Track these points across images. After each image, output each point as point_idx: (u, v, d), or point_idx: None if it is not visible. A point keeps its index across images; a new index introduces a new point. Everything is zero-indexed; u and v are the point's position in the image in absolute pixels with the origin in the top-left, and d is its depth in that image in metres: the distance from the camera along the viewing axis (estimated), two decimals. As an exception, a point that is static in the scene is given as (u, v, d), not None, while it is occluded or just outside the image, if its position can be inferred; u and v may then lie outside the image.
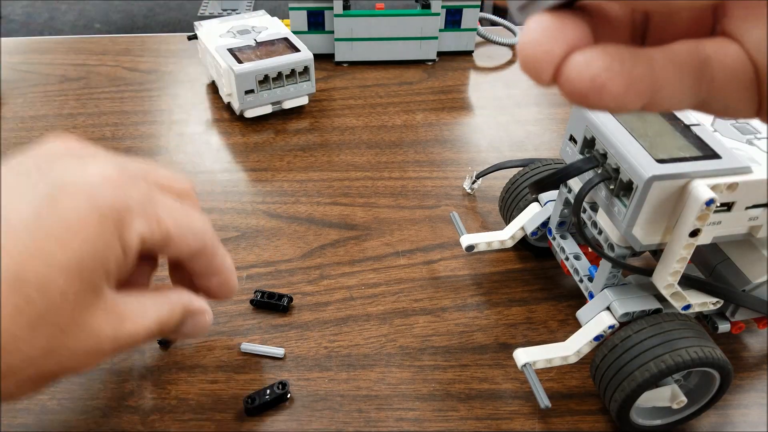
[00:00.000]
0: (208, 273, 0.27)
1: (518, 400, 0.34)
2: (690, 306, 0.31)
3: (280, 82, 0.54)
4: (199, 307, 0.28)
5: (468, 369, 0.35)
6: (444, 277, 0.41)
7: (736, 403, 0.34)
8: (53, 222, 0.21)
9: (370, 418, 0.32)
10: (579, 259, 0.35)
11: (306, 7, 0.61)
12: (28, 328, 0.20)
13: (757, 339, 0.37)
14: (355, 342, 0.36)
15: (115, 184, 0.22)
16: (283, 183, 0.49)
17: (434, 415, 0.33)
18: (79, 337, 0.21)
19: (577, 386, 0.34)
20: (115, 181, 0.22)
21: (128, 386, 0.34)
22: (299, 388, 0.34)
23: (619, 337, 0.30)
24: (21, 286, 0.20)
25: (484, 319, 0.38)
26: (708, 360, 0.29)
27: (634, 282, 0.33)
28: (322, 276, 0.41)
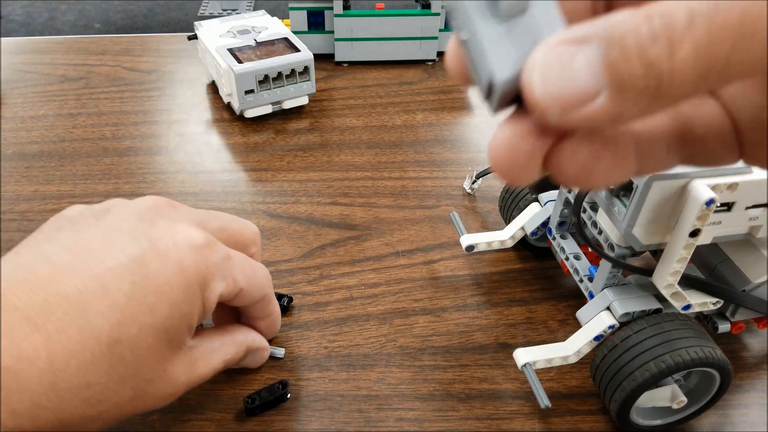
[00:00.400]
0: (261, 316, 0.32)
1: (518, 400, 0.34)
2: (690, 306, 0.31)
3: (280, 82, 0.54)
4: (261, 345, 0.32)
5: (468, 369, 0.35)
6: (444, 277, 0.41)
7: (736, 403, 0.34)
8: (145, 288, 0.23)
9: (370, 418, 0.32)
10: (579, 259, 0.35)
11: (306, 7, 0.61)
12: (119, 381, 0.23)
13: (757, 339, 0.37)
14: (355, 342, 0.36)
15: (200, 249, 0.25)
16: (283, 183, 0.49)
17: (434, 415, 0.33)
18: (160, 386, 0.25)
19: (577, 386, 0.34)
20: (200, 247, 0.25)
21: (128, 386, 0.34)
22: (299, 388, 0.34)
23: (619, 337, 0.30)
24: (115, 347, 0.22)
25: (484, 319, 0.38)
26: (708, 360, 0.29)
27: (634, 282, 0.33)
28: (322, 276, 0.41)
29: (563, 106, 0.11)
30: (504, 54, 0.12)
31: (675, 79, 0.10)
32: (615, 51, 0.11)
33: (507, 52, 0.12)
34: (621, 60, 0.11)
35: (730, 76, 0.10)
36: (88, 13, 2.29)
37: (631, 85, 0.11)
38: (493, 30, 0.12)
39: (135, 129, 0.55)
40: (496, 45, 0.12)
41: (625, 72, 0.10)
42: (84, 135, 0.54)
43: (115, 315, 0.22)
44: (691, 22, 0.10)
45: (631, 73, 0.10)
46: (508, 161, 0.13)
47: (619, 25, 0.11)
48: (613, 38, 0.11)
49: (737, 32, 0.10)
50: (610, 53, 0.11)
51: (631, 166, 0.13)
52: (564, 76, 0.11)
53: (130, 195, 0.47)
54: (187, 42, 0.67)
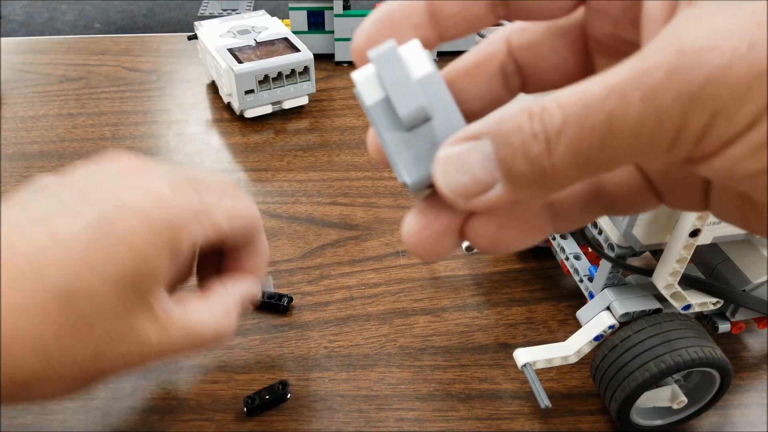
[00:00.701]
0: (251, 256, 0.29)
1: (518, 400, 0.33)
2: (690, 306, 0.31)
3: (280, 82, 0.54)
4: (252, 295, 0.29)
5: (468, 369, 0.35)
6: (444, 277, 0.41)
7: (736, 403, 0.34)
8: (106, 239, 0.22)
9: (370, 419, 0.32)
10: (579, 259, 0.35)
11: (306, 7, 0.61)
12: (77, 336, 0.21)
13: (757, 339, 0.37)
14: (355, 342, 0.36)
15: (167, 201, 0.24)
16: (283, 183, 0.49)
17: (434, 416, 0.33)
18: (126, 344, 0.23)
19: (577, 386, 0.34)
20: (167, 199, 0.24)
21: (128, 387, 0.34)
22: (299, 388, 0.34)
23: (619, 337, 0.30)
24: (72, 299, 0.21)
25: (484, 319, 0.38)
26: (708, 360, 0.29)
27: (634, 282, 0.33)
28: (322, 276, 0.41)
29: (465, 196, 0.13)
30: (411, 159, 0.14)
31: (557, 173, 0.11)
32: (503, 149, 0.12)
33: (414, 156, 0.13)
34: (509, 156, 0.12)
35: (608, 166, 0.11)
36: (88, 13, 2.29)
37: (520, 177, 0.12)
38: (400, 137, 0.14)
39: (135, 129, 0.55)
40: (403, 151, 0.14)
41: (513, 166, 0.12)
42: (84, 135, 0.54)
43: (72, 267, 0.21)
44: (564, 122, 0.11)
45: (518, 168, 0.12)
46: (423, 246, 0.14)
47: (506, 124, 0.12)
48: (501, 136, 0.12)
49: (604, 132, 0.11)
50: (499, 150, 0.12)
51: (544, 229, 0.14)
52: (462, 170, 0.12)
53: (130, 195, 0.47)
54: (187, 42, 0.67)
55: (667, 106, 0.10)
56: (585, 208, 0.15)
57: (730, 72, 0.10)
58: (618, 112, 0.11)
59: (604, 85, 0.11)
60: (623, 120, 0.11)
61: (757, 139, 0.10)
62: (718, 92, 0.10)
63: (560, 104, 0.11)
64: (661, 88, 0.10)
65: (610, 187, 0.15)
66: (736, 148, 0.11)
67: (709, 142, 0.11)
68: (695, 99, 0.10)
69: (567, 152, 0.11)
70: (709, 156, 0.11)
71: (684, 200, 0.15)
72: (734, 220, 0.14)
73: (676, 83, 0.10)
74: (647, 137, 0.11)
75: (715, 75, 0.10)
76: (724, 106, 0.10)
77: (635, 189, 0.15)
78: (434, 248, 0.14)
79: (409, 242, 0.14)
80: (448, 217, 0.14)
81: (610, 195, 0.15)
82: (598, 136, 0.11)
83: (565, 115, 0.11)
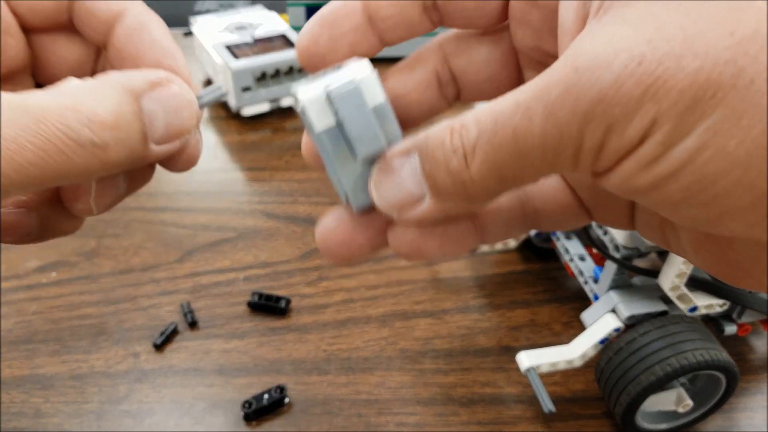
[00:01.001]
0: (138, 44, 0.17)
1: (521, 404, 0.33)
2: (696, 308, 0.30)
3: (278, 80, 0.53)
4: (154, 80, 0.15)
5: (470, 372, 0.34)
6: (445, 278, 0.40)
7: (741, 406, 0.33)
8: None
9: (370, 423, 0.32)
10: (584, 261, 0.35)
11: (305, 3, 0.60)
12: None
13: (763, 341, 0.37)
14: (355, 345, 0.36)
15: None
16: (281, 182, 0.48)
17: (436, 420, 0.32)
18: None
19: (581, 390, 0.34)
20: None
21: (123, 390, 0.33)
22: (297, 392, 0.33)
23: (624, 340, 0.30)
24: None
25: (486, 322, 0.37)
26: (714, 363, 0.28)
27: (640, 283, 0.32)
28: (321, 277, 0.40)
29: (398, 209, 0.13)
30: (359, 185, 0.14)
31: (476, 186, 0.12)
32: (428, 163, 0.12)
33: (361, 182, 0.14)
34: (433, 170, 0.12)
35: (523, 180, 0.12)
36: (84, 9, 2.28)
37: (444, 190, 0.12)
38: (347, 165, 0.14)
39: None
40: (350, 178, 0.14)
41: (437, 180, 0.12)
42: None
43: None
44: (478, 137, 0.12)
45: (442, 181, 0.12)
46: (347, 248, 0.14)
47: (431, 140, 0.12)
48: (426, 151, 0.12)
49: (513, 147, 0.11)
50: (425, 164, 0.12)
51: (466, 241, 0.15)
52: (395, 184, 0.13)
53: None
54: (183, 38, 0.67)
55: (566, 122, 0.11)
56: (510, 222, 0.15)
57: (621, 88, 0.10)
58: (522, 128, 0.11)
59: (514, 101, 0.11)
60: (528, 136, 0.11)
61: (646, 154, 0.11)
62: (609, 108, 0.10)
63: (476, 120, 0.12)
64: (559, 105, 0.11)
65: (538, 203, 0.15)
66: (629, 162, 0.11)
67: (605, 157, 0.11)
68: (589, 115, 0.11)
69: (483, 166, 0.12)
70: (607, 171, 0.11)
71: (611, 217, 0.15)
72: (656, 239, 0.15)
73: (571, 100, 0.11)
74: (551, 152, 0.11)
75: (606, 91, 0.10)
76: (615, 122, 0.10)
77: (564, 205, 0.15)
78: (349, 254, 0.15)
79: (323, 243, 0.15)
80: (371, 224, 0.14)
81: (537, 210, 0.15)
82: (508, 151, 0.11)
83: (479, 131, 0.12)
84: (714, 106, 0.10)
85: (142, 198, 0.46)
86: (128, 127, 0.14)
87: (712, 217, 0.11)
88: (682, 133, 0.10)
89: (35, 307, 0.38)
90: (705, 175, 0.10)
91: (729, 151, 0.10)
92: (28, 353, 0.35)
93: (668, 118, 0.10)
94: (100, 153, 0.13)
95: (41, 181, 0.13)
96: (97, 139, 0.13)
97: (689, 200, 0.11)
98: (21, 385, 0.34)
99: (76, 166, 0.13)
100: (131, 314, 0.38)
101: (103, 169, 0.14)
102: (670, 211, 0.11)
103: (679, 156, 0.10)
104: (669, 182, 0.11)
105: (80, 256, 0.42)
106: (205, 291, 0.39)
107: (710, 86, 0.10)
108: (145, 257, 0.41)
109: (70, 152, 0.13)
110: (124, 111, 0.14)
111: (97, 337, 0.36)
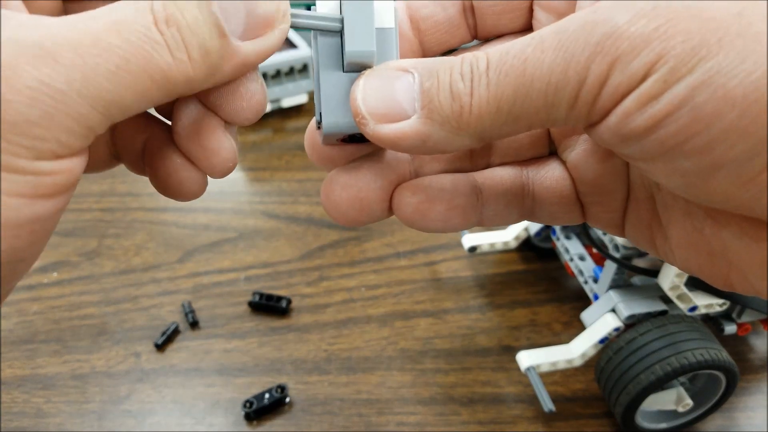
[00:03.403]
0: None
1: (522, 403, 0.33)
2: (696, 308, 0.30)
3: (279, 80, 0.53)
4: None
5: (470, 372, 0.35)
6: (446, 278, 0.40)
7: (741, 406, 0.33)
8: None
9: (371, 423, 0.32)
10: (584, 260, 0.35)
11: (305, 3, 0.60)
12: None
13: (763, 341, 0.37)
14: (355, 345, 0.36)
15: None
16: (282, 183, 0.48)
17: (436, 419, 0.32)
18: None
19: (581, 389, 0.34)
20: None
21: (124, 390, 0.33)
22: (298, 392, 0.33)
23: (624, 340, 0.30)
24: None
25: (486, 322, 0.37)
26: (714, 362, 0.28)
27: (640, 283, 0.32)
28: (322, 277, 0.40)
29: (378, 118, 0.13)
30: (336, 103, 0.14)
31: (474, 112, 0.12)
32: (430, 81, 0.13)
33: (341, 102, 0.14)
34: (434, 88, 0.12)
35: (517, 122, 0.12)
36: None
37: (438, 110, 0.12)
38: (334, 78, 0.14)
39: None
40: (332, 93, 0.14)
41: (435, 98, 0.12)
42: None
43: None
44: (488, 67, 0.12)
45: (440, 100, 0.12)
46: (352, 207, 0.14)
47: (438, 63, 0.13)
48: (431, 71, 0.13)
49: (518, 76, 0.12)
50: (425, 82, 0.13)
51: (469, 215, 0.15)
52: (383, 94, 0.13)
53: (126, 194, 0.46)
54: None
55: (575, 54, 0.11)
56: (511, 204, 0.16)
57: (633, 25, 0.11)
58: (533, 59, 0.12)
59: (530, 36, 0.12)
60: (536, 66, 0.11)
61: (647, 90, 0.11)
62: (618, 42, 0.11)
63: (489, 53, 0.12)
64: (573, 39, 0.11)
65: (538, 189, 0.16)
66: (629, 100, 0.11)
67: (605, 95, 0.11)
68: (599, 47, 0.11)
69: (485, 94, 0.12)
70: (605, 113, 0.11)
71: (603, 216, 0.15)
72: (643, 241, 0.15)
73: (585, 33, 0.11)
74: (553, 89, 0.11)
75: (620, 27, 0.11)
76: (621, 55, 0.11)
77: (562, 196, 0.16)
78: (359, 214, 0.14)
79: (333, 202, 0.14)
80: (378, 184, 0.14)
81: (536, 197, 0.16)
82: (513, 83, 0.12)
83: (489, 61, 0.12)
84: (719, 49, 0.10)
85: (143, 198, 0.46)
86: (196, 24, 0.12)
87: (704, 170, 0.11)
88: (684, 70, 0.10)
89: (36, 307, 0.38)
90: (701, 117, 0.10)
91: (727, 91, 0.10)
92: (30, 353, 0.36)
93: (673, 56, 0.11)
94: (166, 53, 0.12)
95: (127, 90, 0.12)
96: (165, 36, 0.12)
97: (682, 146, 0.11)
98: (22, 385, 0.34)
99: (160, 66, 0.12)
100: (132, 314, 0.38)
101: (182, 72, 0.12)
102: (662, 164, 0.11)
103: (678, 92, 0.11)
104: (665, 124, 0.11)
105: (81, 256, 0.42)
106: (206, 291, 0.39)
107: (717, 30, 0.10)
108: (146, 257, 0.42)
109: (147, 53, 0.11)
110: (190, 7, 0.12)
111: (98, 337, 0.36)
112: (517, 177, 0.16)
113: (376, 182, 0.14)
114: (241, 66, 0.13)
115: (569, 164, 0.15)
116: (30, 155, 0.11)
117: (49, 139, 0.11)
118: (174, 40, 0.12)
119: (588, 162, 0.15)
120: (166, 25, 0.12)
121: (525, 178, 0.16)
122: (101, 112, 0.12)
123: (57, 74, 0.11)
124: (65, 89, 0.11)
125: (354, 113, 0.13)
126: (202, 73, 0.12)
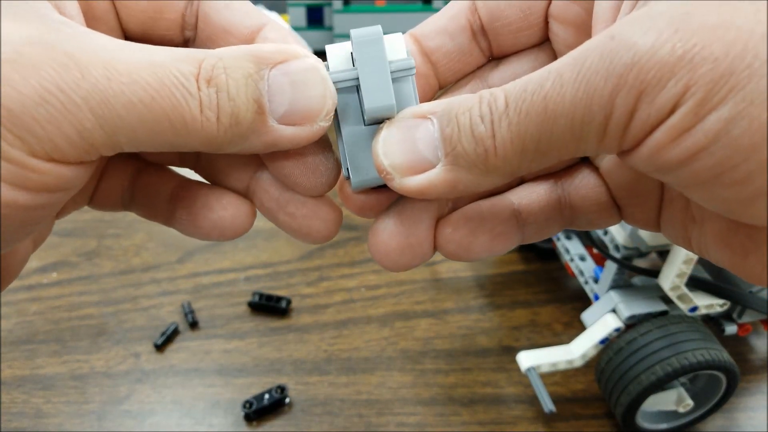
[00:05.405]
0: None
1: (522, 404, 0.33)
2: (697, 308, 0.30)
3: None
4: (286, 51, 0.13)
5: (471, 373, 0.34)
6: (446, 278, 0.40)
7: (742, 406, 0.33)
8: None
9: (371, 423, 0.32)
10: (584, 261, 0.35)
11: (305, 3, 0.60)
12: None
13: (763, 341, 0.36)
14: (355, 345, 0.36)
15: None
16: (282, 182, 0.48)
17: (436, 420, 0.32)
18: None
19: (582, 390, 0.34)
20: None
21: (123, 390, 0.33)
22: (298, 392, 0.33)
23: (624, 340, 0.30)
24: None
25: (487, 322, 0.37)
26: (714, 362, 0.28)
27: (640, 283, 0.32)
28: (322, 278, 0.40)
29: (403, 172, 0.13)
30: (362, 158, 0.14)
31: (499, 154, 0.12)
32: (450, 126, 0.12)
33: (367, 154, 0.14)
34: (455, 134, 0.12)
35: (546, 156, 0.12)
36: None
37: (463, 156, 0.12)
38: (356, 132, 0.14)
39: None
40: (355, 149, 0.14)
41: (458, 144, 0.12)
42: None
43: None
44: (506, 105, 0.12)
45: (463, 146, 0.12)
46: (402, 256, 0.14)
47: (456, 105, 0.12)
48: (450, 115, 0.12)
49: (541, 114, 0.11)
50: (445, 128, 0.12)
51: (512, 238, 0.15)
52: (405, 147, 0.13)
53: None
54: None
55: (598, 88, 0.11)
56: (550, 219, 0.15)
57: (656, 54, 0.10)
58: (553, 95, 0.11)
59: (546, 70, 0.11)
60: (558, 102, 0.11)
61: (677, 123, 0.10)
62: (642, 73, 0.10)
63: (506, 90, 0.12)
64: (593, 71, 0.11)
65: (575, 200, 0.16)
66: (659, 133, 0.11)
67: (634, 128, 0.11)
68: (622, 80, 0.11)
69: (508, 135, 0.12)
70: (636, 144, 0.11)
71: (640, 216, 0.15)
72: (678, 238, 0.15)
73: (605, 65, 0.11)
74: (579, 123, 0.11)
75: (641, 56, 0.10)
76: (647, 87, 0.10)
77: (599, 202, 0.15)
78: (411, 258, 0.14)
79: (384, 251, 0.14)
80: (423, 226, 0.14)
81: (574, 208, 0.16)
82: (535, 120, 0.11)
83: (507, 99, 0.12)
84: (749, 76, 0.10)
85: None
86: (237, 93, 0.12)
87: (745, 199, 0.10)
88: (715, 100, 0.10)
89: (36, 308, 0.38)
90: (738, 150, 0.10)
91: (763, 122, 0.10)
92: (29, 353, 0.35)
93: (701, 86, 0.10)
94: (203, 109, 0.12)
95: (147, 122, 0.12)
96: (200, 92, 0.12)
97: (721, 178, 0.10)
98: (22, 386, 0.34)
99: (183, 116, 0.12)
100: (132, 314, 0.38)
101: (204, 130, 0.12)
102: (701, 192, 0.11)
103: (711, 127, 0.10)
104: (700, 157, 0.10)
105: (81, 256, 0.42)
106: (205, 291, 0.39)
107: (746, 56, 0.10)
108: (146, 257, 0.41)
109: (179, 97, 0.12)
110: (237, 76, 0.12)
111: (97, 337, 0.36)
112: (552, 191, 0.15)
113: (421, 224, 0.14)
114: (273, 145, 0.13)
115: (603, 171, 0.15)
116: (24, 149, 0.11)
117: (44, 140, 0.11)
118: (209, 99, 0.12)
119: (621, 168, 0.15)
120: (206, 83, 0.12)
121: (560, 190, 0.16)
122: (107, 134, 0.12)
123: (77, 87, 0.11)
124: (78, 102, 0.11)
125: (378, 169, 0.13)
126: (226, 138, 0.13)
